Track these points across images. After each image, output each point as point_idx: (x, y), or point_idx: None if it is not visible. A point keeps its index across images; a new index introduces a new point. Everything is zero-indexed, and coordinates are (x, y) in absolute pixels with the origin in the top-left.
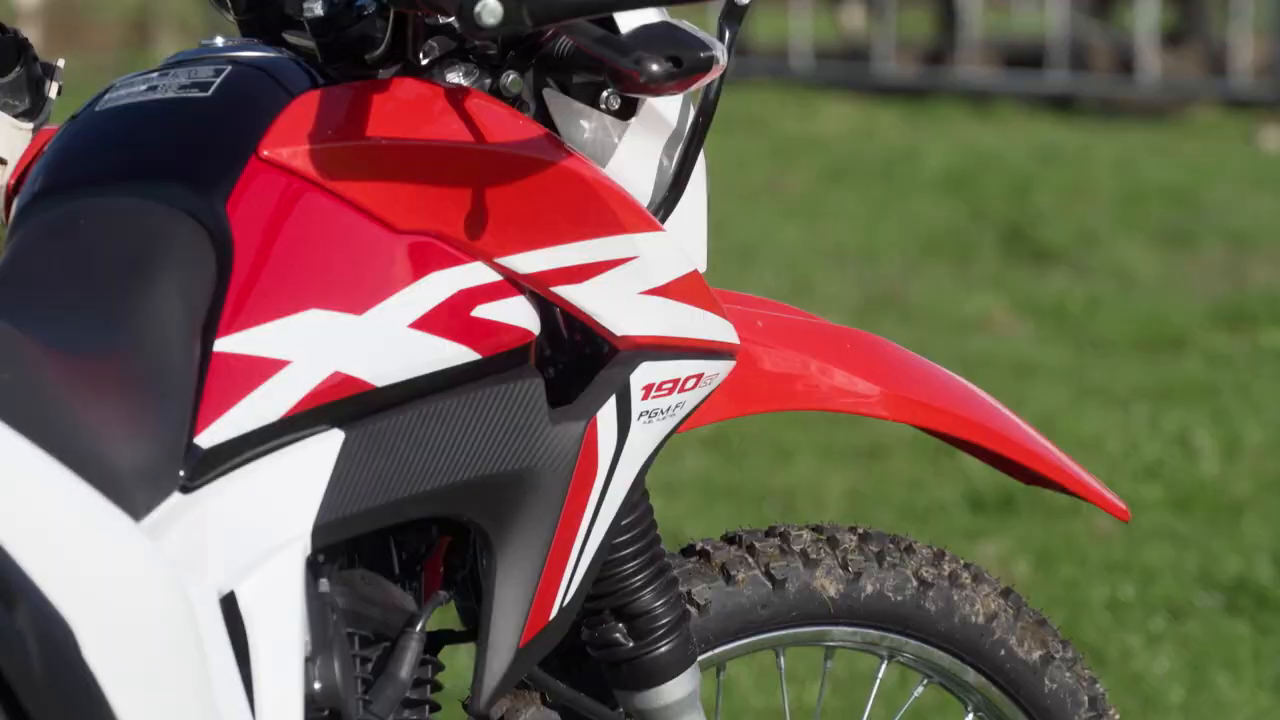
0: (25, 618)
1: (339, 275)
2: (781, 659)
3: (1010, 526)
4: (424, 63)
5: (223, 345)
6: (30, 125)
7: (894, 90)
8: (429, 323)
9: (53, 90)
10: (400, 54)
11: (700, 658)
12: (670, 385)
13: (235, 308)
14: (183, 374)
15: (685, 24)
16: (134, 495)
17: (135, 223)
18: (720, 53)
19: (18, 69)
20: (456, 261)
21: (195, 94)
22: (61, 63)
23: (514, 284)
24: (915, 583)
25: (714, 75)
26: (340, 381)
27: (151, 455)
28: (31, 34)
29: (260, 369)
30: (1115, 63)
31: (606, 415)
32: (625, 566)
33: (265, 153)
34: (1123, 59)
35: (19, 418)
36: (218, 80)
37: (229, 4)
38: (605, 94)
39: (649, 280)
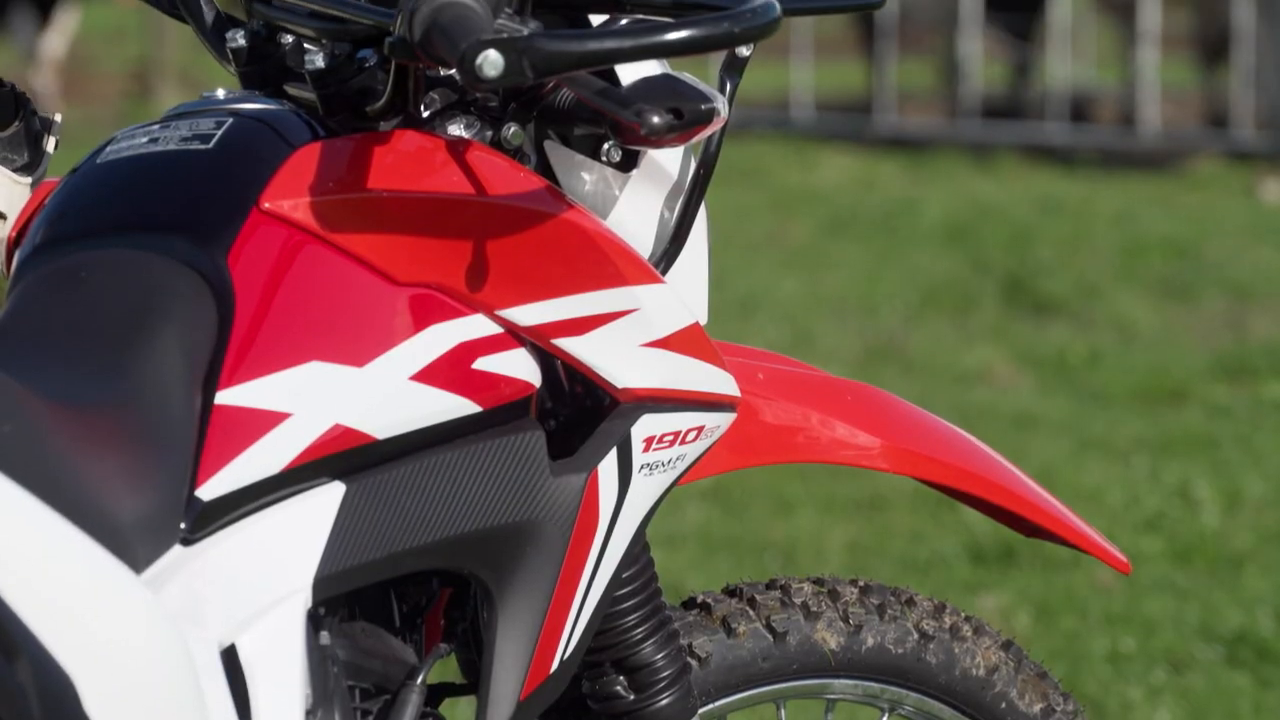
0: (26, 670)
1: (340, 327)
2: (782, 712)
3: (1011, 579)
4: (425, 115)
5: (224, 397)
6: (29, 179)
7: (895, 142)
8: (430, 375)
9: (51, 144)
10: (401, 106)
11: (701, 710)
12: (671, 438)
13: (236, 360)
14: (184, 426)
15: (686, 76)
16: (135, 547)
17: (136, 275)
18: (721, 105)
19: (16, 123)
20: (457, 314)
21: (196, 146)
22: (59, 117)
23: (515, 336)
24: (916, 635)
25: (715, 127)
26: (341, 434)
27: (152, 507)
28: (52, 82)
29: (261, 421)
30: (1116, 114)
31: (608, 468)
32: (626, 619)
33: (266, 205)
34: (1124, 110)
35: (20, 470)
36: (219, 132)
37: (230, 56)
38: (606, 146)
39: (650, 332)
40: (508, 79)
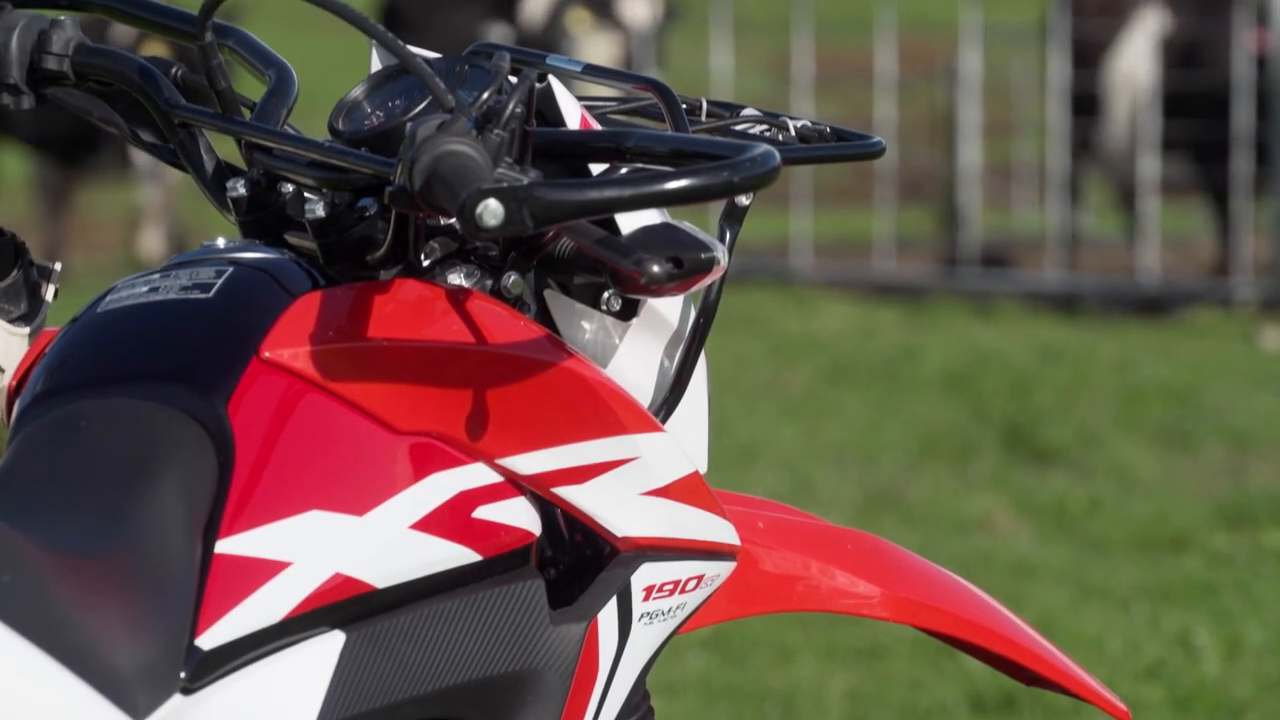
0: None
1: (340, 476)
2: None
3: None
4: (425, 264)
5: (224, 546)
6: (26, 330)
7: (894, 290)
8: (430, 524)
9: (49, 293)
10: (401, 255)
11: None
12: (671, 586)
13: (236, 509)
14: (184, 575)
15: (686, 225)
16: (135, 696)
17: (136, 424)
18: (721, 253)
19: (14, 273)
20: (457, 462)
21: (196, 295)
22: (58, 266)
23: (515, 485)
24: None
25: (715, 276)
26: (341, 583)
27: (152, 656)
28: (153, 235)
29: (261, 570)
30: (1116, 262)
31: (607, 616)
32: None
33: (266, 354)
34: (1123, 258)
35: (20, 619)
36: (219, 281)
37: (231, 205)
38: (606, 295)
39: (650, 481)
40: (508, 228)
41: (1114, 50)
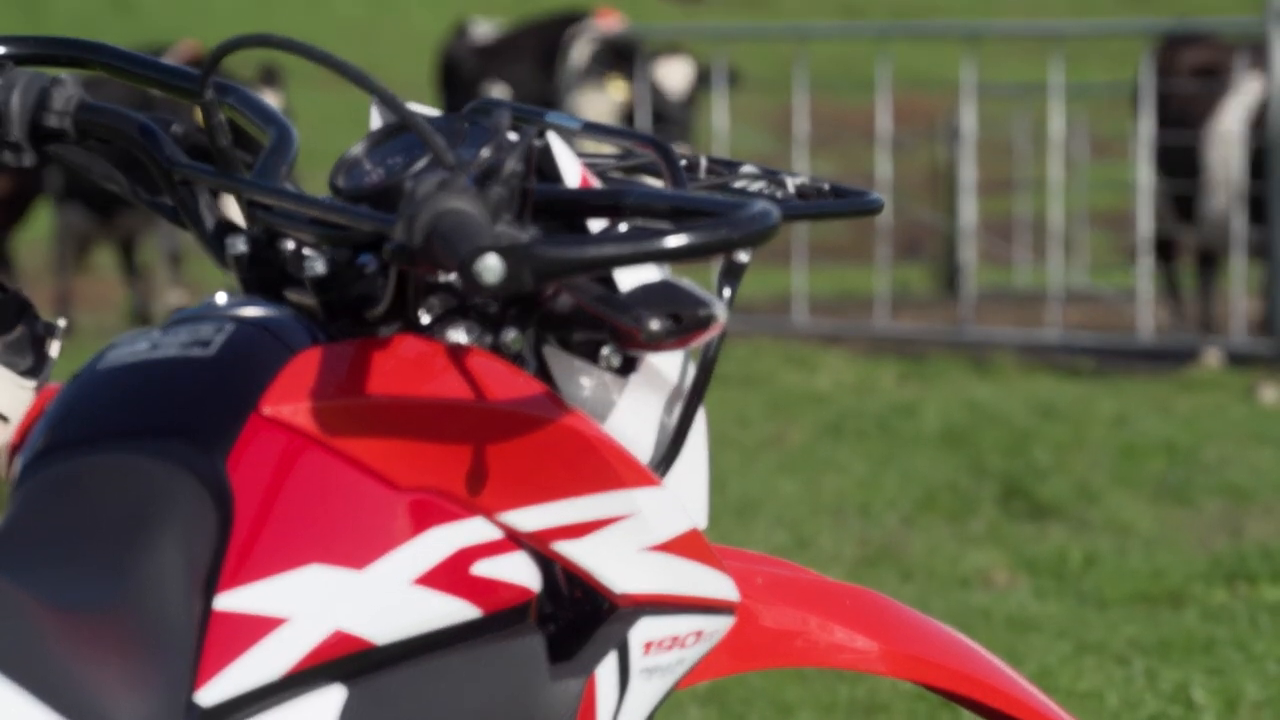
0: None
1: (339, 532)
2: None
3: None
4: (425, 320)
5: (223, 602)
6: (33, 384)
7: (893, 345)
8: (430, 580)
9: (54, 349)
10: (401, 311)
11: None
12: (670, 642)
13: (235, 565)
14: (183, 631)
15: (684, 281)
16: None
17: (136, 480)
18: (720, 309)
19: (20, 328)
20: (457, 518)
21: (197, 352)
22: (63, 322)
23: (514, 540)
24: None
25: (714, 332)
26: (341, 639)
27: (152, 711)
28: (177, 290)
29: (261, 626)
30: (1114, 317)
31: (606, 672)
32: None
33: (266, 410)
34: (1121, 314)
35: (22, 673)
36: (219, 338)
37: (231, 262)
38: (605, 351)
39: (649, 537)
40: (507, 285)
41: (1213, 113)
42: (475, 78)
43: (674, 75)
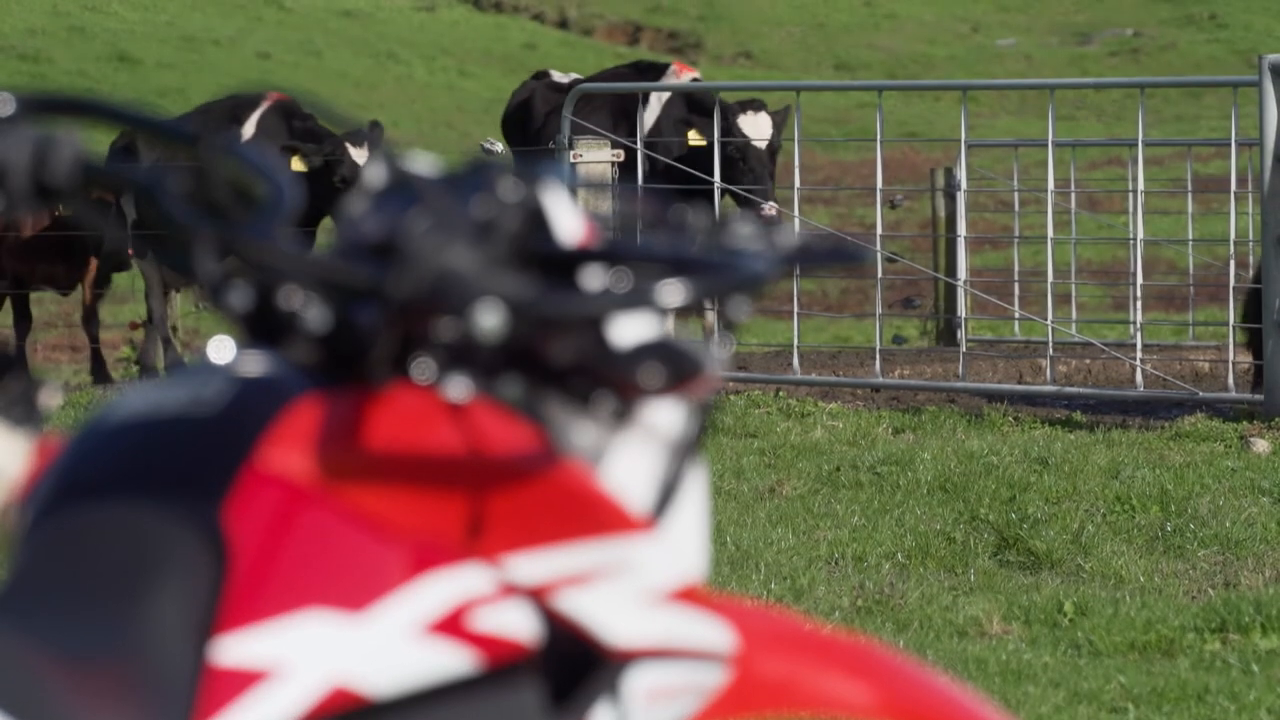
0: None
1: (336, 583)
2: None
3: None
4: (422, 371)
5: (219, 653)
6: (32, 438)
7: (889, 397)
8: (427, 632)
9: (52, 402)
10: (398, 362)
11: None
12: (666, 692)
13: (232, 616)
14: (180, 682)
15: (680, 333)
16: None
17: (135, 533)
18: (715, 361)
19: (19, 384)
20: (453, 569)
21: (196, 403)
22: (61, 377)
23: (511, 590)
24: None
25: (709, 384)
26: (337, 690)
27: None
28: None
29: (257, 677)
30: (1109, 370)
31: None
32: None
33: (263, 461)
34: (1114, 366)
35: None
36: (218, 389)
37: (230, 313)
38: (601, 401)
39: (645, 586)
40: (504, 335)
41: None
42: (550, 117)
43: (759, 127)
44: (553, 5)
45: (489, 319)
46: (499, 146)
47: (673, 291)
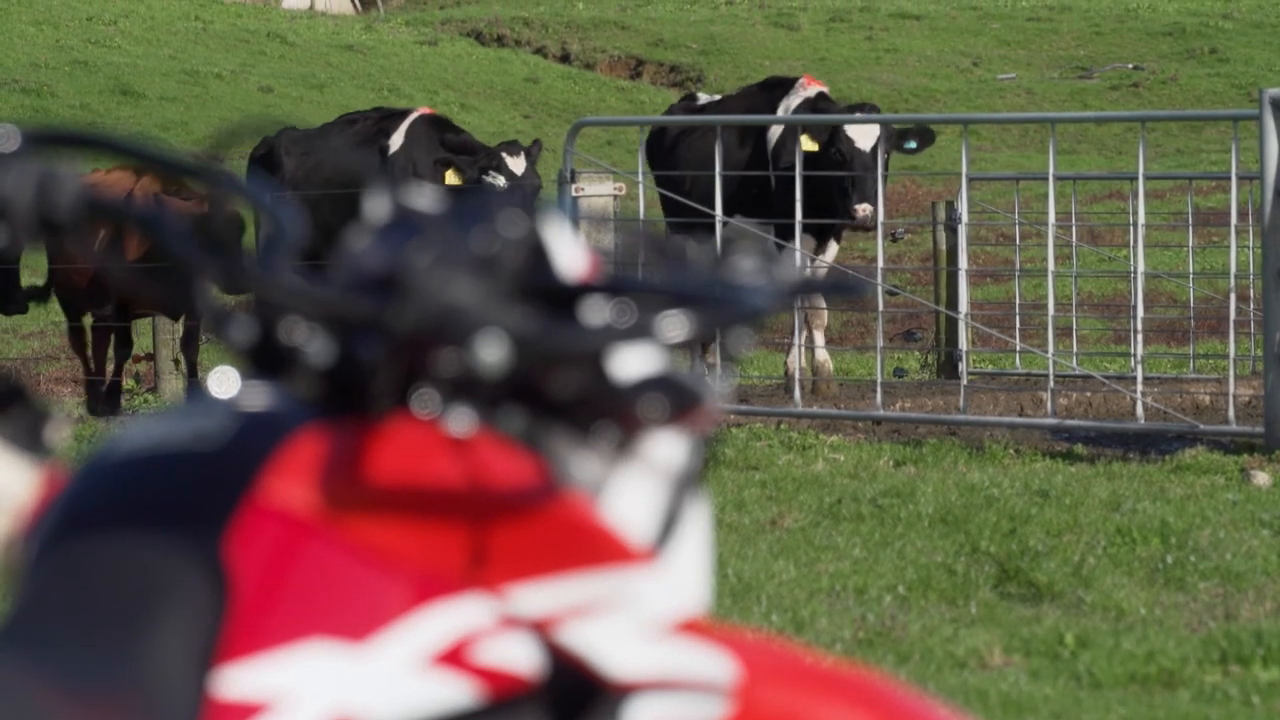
0: None
1: (338, 614)
2: None
3: None
4: (423, 403)
5: (222, 684)
6: (38, 469)
7: (890, 429)
8: (429, 662)
9: (60, 435)
10: (399, 394)
11: None
12: None
13: (234, 647)
14: (183, 713)
15: (681, 366)
16: None
17: (137, 564)
18: (716, 393)
19: (26, 414)
20: (455, 601)
21: (199, 436)
22: (67, 408)
23: (513, 622)
24: None
25: (710, 415)
26: None
27: None
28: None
29: (259, 709)
30: (1109, 403)
31: None
32: None
33: (265, 493)
34: (1114, 399)
35: None
36: (220, 421)
37: (233, 346)
38: (602, 433)
39: (646, 618)
40: (505, 368)
41: None
42: (681, 139)
43: (864, 133)
44: (555, 39)
45: (491, 352)
46: (500, 179)
47: (674, 325)
